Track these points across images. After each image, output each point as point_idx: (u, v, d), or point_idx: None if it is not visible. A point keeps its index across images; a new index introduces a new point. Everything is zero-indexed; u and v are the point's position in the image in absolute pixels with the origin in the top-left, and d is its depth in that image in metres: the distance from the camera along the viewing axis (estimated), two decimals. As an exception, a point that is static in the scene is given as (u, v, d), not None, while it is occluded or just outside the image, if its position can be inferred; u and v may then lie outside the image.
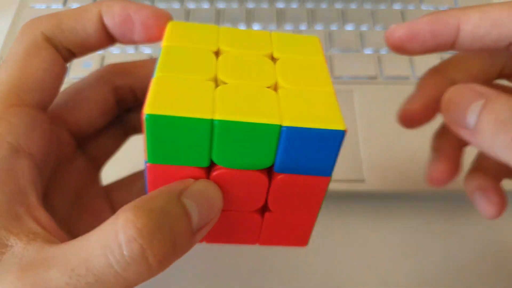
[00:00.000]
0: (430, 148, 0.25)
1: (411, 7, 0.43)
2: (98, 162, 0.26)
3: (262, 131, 0.15)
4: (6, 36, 0.40)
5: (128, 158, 0.31)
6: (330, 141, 0.16)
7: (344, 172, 0.32)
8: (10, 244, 0.15)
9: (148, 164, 0.17)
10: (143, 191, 0.26)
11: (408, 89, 0.25)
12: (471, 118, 0.18)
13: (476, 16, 0.21)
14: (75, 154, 0.23)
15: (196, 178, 0.17)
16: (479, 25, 0.21)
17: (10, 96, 0.18)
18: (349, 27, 0.41)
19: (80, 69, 0.38)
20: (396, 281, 0.29)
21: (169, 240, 0.14)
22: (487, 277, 0.29)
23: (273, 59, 0.19)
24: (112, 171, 0.27)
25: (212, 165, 0.17)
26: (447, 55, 0.31)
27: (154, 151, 0.16)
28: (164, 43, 0.18)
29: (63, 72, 0.21)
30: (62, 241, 0.16)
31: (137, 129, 0.27)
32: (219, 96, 0.16)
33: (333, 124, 0.16)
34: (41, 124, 0.19)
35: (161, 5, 0.42)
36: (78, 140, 0.23)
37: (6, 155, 0.17)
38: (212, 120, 0.15)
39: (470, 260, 0.30)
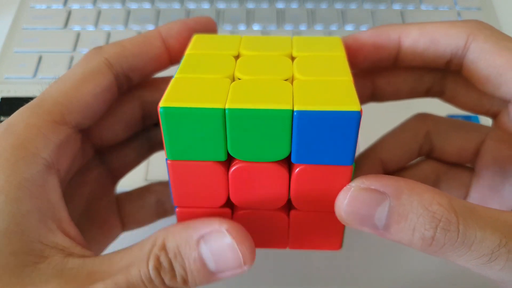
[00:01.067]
0: None
1: (410, 7, 0.43)
2: (116, 174, 0.25)
3: (273, 117, 0.15)
4: (6, 36, 0.40)
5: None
6: (346, 124, 0.15)
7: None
8: (45, 255, 0.16)
9: (168, 161, 0.17)
10: (154, 206, 0.26)
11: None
12: (379, 222, 0.17)
13: (415, 32, 0.21)
14: (92, 163, 0.23)
15: (216, 176, 0.17)
16: (418, 41, 0.21)
17: (54, 112, 0.18)
18: (349, 27, 0.41)
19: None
20: (397, 281, 0.29)
21: (180, 276, 0.17)
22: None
23: (292, 58, 0.19)
24: (123, 180, 0.26)
25: (230, 160, 0.17)
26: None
27: (171, 145, 0.16)
28: (187, 51, 0.18)
29: (113, 99, 0.21)
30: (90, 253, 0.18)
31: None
32: (233, 89, 0.16)
33: (347, 106, 0.15)
34: (73, 144, 0.20)
35: (162, 6, 0.42)
36: (98, 150, 0.23)
37: (40, 170, 0.17)
38: (224, 109, 0.15)
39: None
